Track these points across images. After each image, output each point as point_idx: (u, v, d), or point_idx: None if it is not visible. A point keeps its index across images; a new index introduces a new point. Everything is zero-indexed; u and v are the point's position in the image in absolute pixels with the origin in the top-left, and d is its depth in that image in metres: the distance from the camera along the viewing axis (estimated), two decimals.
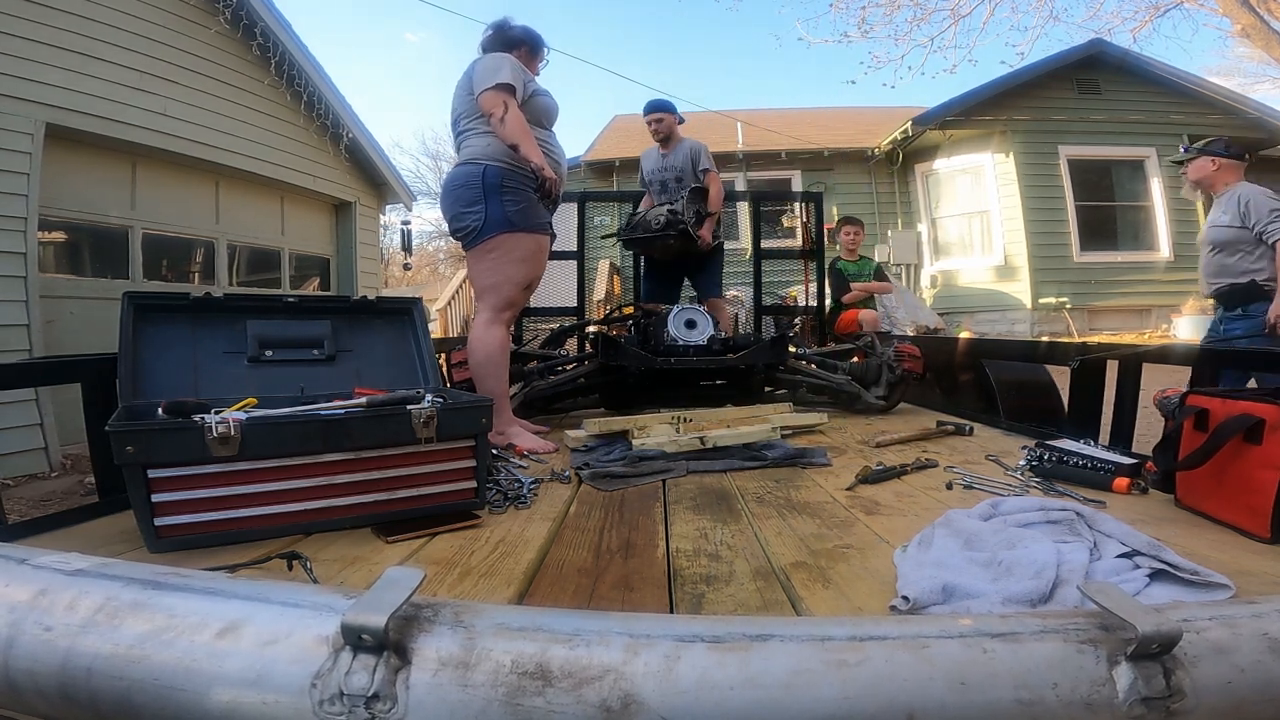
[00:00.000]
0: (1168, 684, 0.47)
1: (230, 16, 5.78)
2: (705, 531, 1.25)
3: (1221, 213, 2.97)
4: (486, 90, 2.07)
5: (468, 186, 2.11)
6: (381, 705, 0.45)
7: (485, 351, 2.13)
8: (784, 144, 10.73)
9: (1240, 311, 2.95)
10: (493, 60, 2.15)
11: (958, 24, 11.14)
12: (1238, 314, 2.97)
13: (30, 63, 4.30)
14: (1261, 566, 1.01)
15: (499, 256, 2.12)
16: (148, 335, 1.46)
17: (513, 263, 2.13)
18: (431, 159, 28.62)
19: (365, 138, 7.53)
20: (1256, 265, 2.89)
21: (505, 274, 2.14)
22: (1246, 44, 10.60)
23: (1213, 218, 3.01)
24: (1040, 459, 1.62)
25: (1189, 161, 3.12)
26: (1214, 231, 2.98)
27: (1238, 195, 2.96)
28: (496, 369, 2.15)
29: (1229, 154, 3.07)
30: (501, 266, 2.14)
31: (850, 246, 4.79)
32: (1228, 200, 2.99)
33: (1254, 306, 2.90)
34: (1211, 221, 3.01)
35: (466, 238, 2.14)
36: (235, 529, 1.17)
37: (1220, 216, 2.97)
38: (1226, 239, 2.95)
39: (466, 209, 2.11)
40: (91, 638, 0.51)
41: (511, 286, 2.16)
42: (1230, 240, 2.94)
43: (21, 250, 4.20)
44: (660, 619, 0.52)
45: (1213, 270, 3.02)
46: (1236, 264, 2.94)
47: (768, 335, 3.27)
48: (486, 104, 2.07)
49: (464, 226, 2.12)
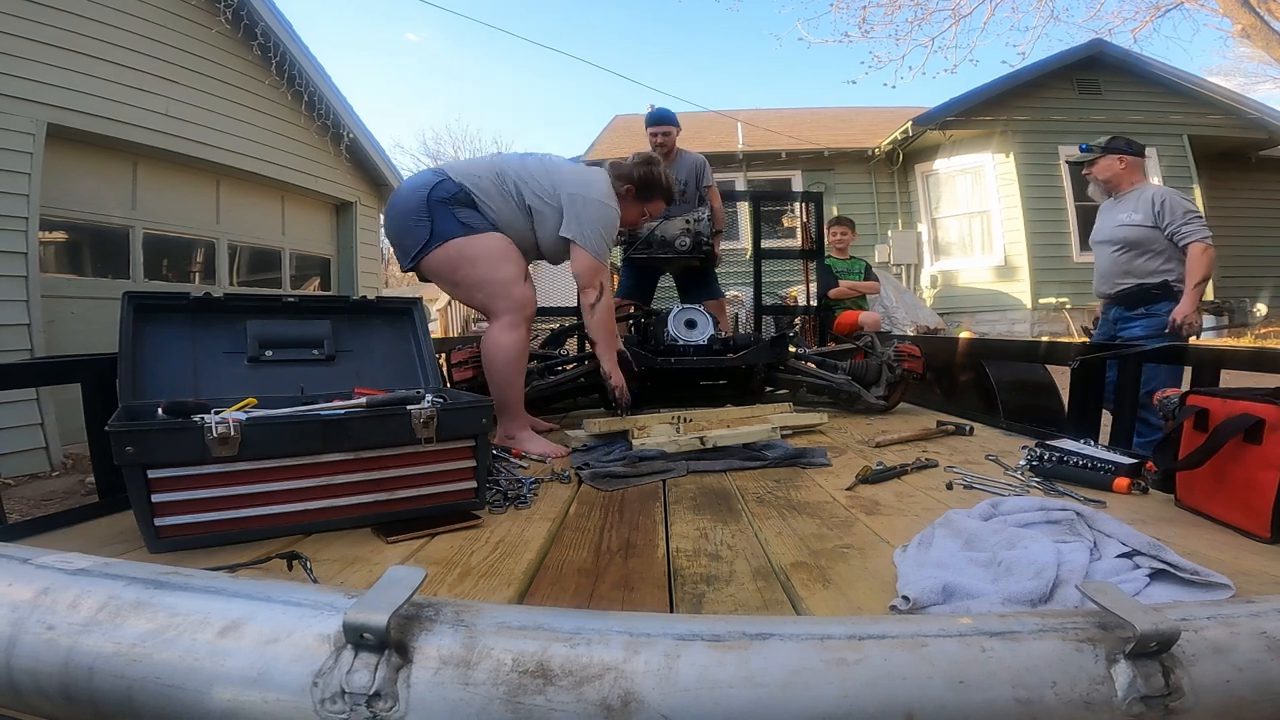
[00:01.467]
0: (1166, 683, 0.47)
1: (231, 16, 5.78)
2: (705, 531, 1.25)
3: (1131, 211, 2.93)
4: (588, 257, 2.07)
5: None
6: (383, 704, 0.46)
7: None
8: (784, 144, 10.74)
9: (1144, 311, 2.91)
10: (600, 209, 2.10)
11: (958, 24, 11.17)
12: (1140, 314, 2.92)
13: (31, 63, 4.30)
14: (1261, 566, 1.01)
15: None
16: (148, 335, 1.46)
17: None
18: (431, 159, 28.67)
19: (366, 137, 7.53)
20: (1165, 266, 2.86)
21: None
22: (1247, 44, 10.62)
23: (1121, 217, 2.96)
24: (1040, 459, 1.62)
25: (1095, 161, 3.07)
26: (1124, 230, 2.92)
27: (1151, 195, 2.92)
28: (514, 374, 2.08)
29: (1131, 151, 3.05)
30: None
31: (839, 246, 4.78)
32: (1138, 199, 2.95)
33: (1158, 306, 2.87)
34: (1120, 221, 2.95)
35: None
36: (235, 529, 1.17)
37: (1131, 215, 2.92)
38: (1137, 238, 2.90)
39: None
40: (93, 637, 0.51)
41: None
42: (1140, 240, 2.89)
43: (22, 250, 4.21)
44: (660, 618, 0.52)
45: (1118, 270, 2.97)
46: (1145, 264, 2.90)
47: (768, 335, 3.28)
48: (585, 275, 2.10)
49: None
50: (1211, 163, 9.99)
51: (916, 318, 7.76)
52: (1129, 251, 2.93)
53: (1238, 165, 10.46)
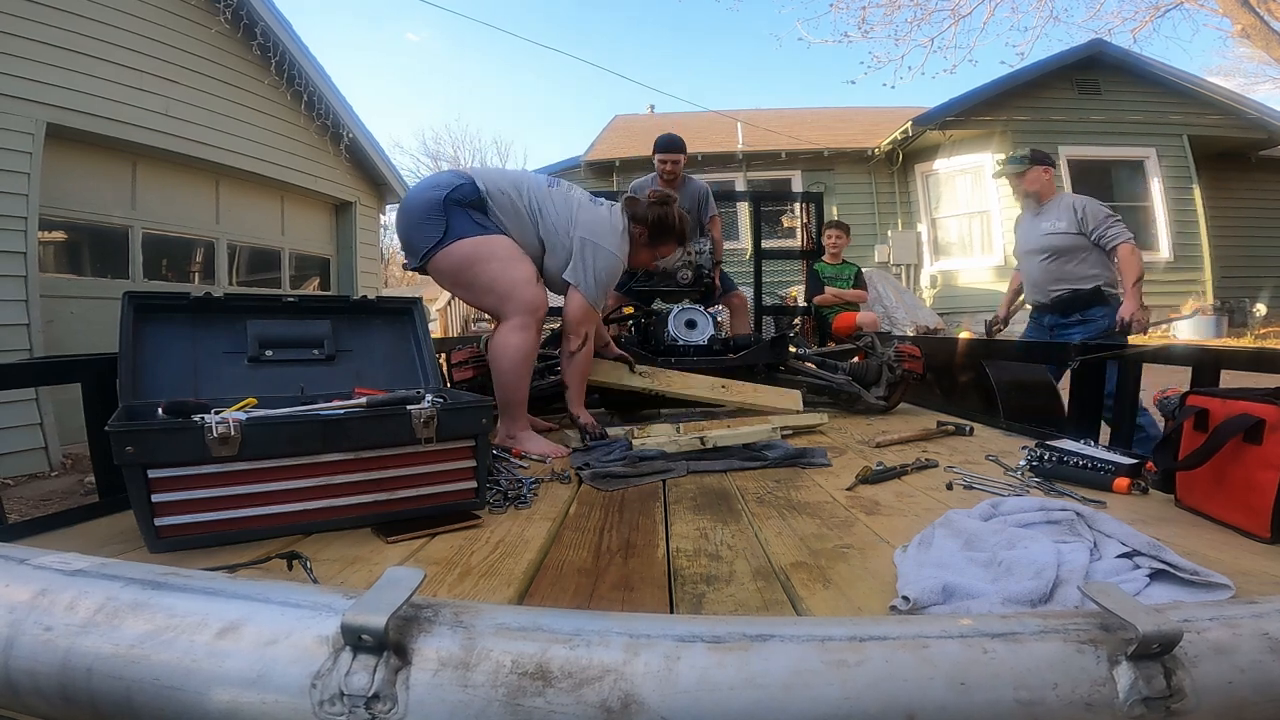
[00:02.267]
0: (1168, 684, 0.47)
1: (230, 16, 5.78)
2: (705, 532, 1.25)
3: (1056, 220, 3.05)
4: (585, 304, 2.08)
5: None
6: (382, 705, 0.45)
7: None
8: (784, 144, 10.74)
9: (1079, 317, 3.01)
10: (608, 260, 2.10)
11: (958, 24, 11.17)
12: (1075, 319, 3.02)
13: (30, 63, 4.30)
14: (1261, 566, 1.01)
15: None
16: (148, 335, 1.45)
17: None
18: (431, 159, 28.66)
19: (365, 137, 7.53)
20: (1094, 270, 2.98)
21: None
22: (1246, 44, 10.62)
23: (1045, 226, 3.09)
24: (1040, 459, 1.62)
25: (1025, 173, 3.20)
26: (1052, 239, 3.04)
27: (1072, 203, 3.06)
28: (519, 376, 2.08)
29: (1049, 163, 3.21)
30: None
31: (833, 250, 4.76)
32: (1060, 208, 3.09)
33: (1093, 311, 2.99)
34: (1046, 230, 3.07)
35: None
36: (235, 529, 1.17)
37: (1056, 224, 3.04)
38: (1066, 245, 3.01)
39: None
40: (91, 638, 0.51)
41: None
42: (1069, 246, 3.00)
43: (22, 250, 4.20)
44: (660, 619, 0.52)
45: (1051, 277, 3.07)
46: (1075, 270, 3.00)
47: (768, 335, 3.28)
48: (575, 321, 2.10)
49: None
50: (1211, 163, 9.99)
51: (916, 318, 7.76)
52: (1059, 259, 3.04)
53: (1238, 165, 10.46)
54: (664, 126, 4.22)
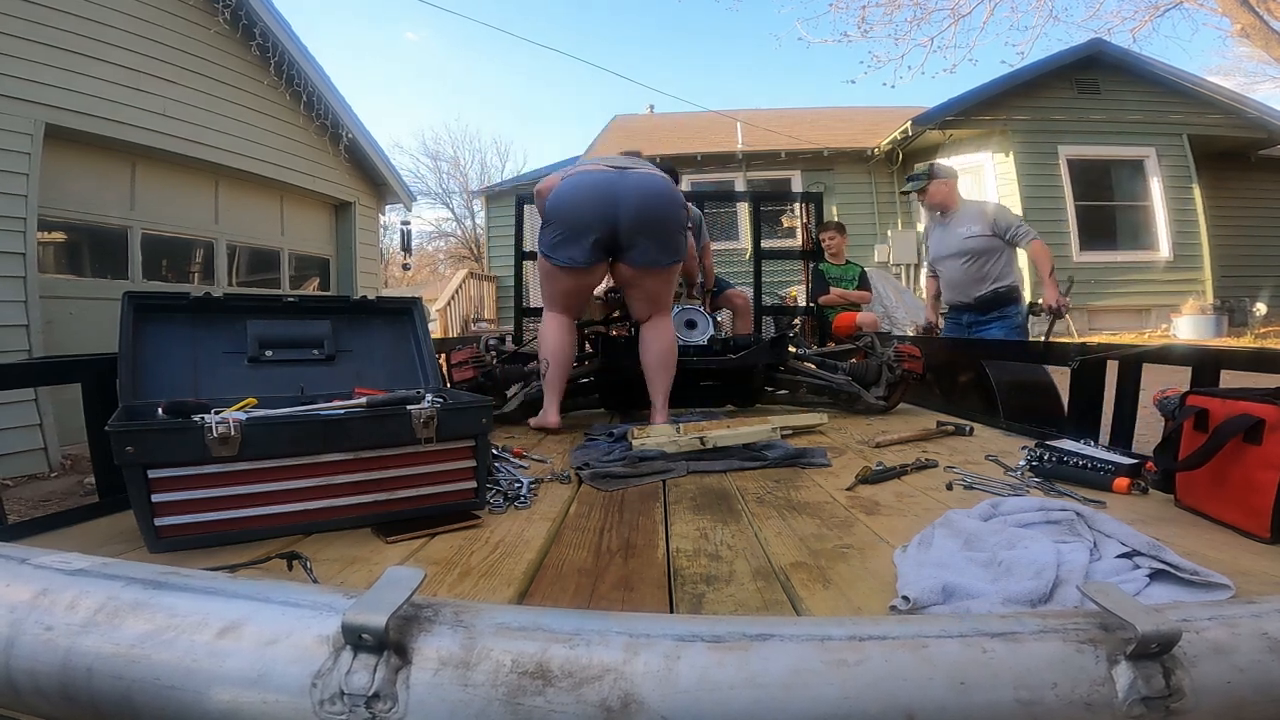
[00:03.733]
0: (1167, 684, 0.47)
1: (230, 16, 5.78)
2: (705, 532, 1.25)
3: (971, 224, 3.30)
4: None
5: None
6: (382, 705, 0.45)
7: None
8: (784, 144, 10.74)
9: (998, 314, 3.28)
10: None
11: (958, 24, 11.16)
12: (994, 316, 3.29)
13: (29, 63, 4.30)
14: (1261, 566, 1.01)
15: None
16: (148, 335, 1.45)
17: None
18: (431, 159, 28.69)
19: (365, 137, 7.53)
20: (1008, 270, 3.29)
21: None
22: (1246, 44, 10.62)
23: (962, 231, 3.32)
24: (1040, 459, 1.62)
25: (925, 189, 3.47)
26: (971, 242, 3.29)
27: (980, 209, 3.35)
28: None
29: (946, 175, 3.48)
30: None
31: (832, 251, 4.76)
32: (970, 214, 3.35)
33: (1010, 308, 3.28)
34: (963, 235, 3.32)
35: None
36: (235, 529, 1.17)
37: (971, 228, 3.29)
38: (983, 248, 3.27)
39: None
40: (92, 637, 0.51)
41: None
42: (986, 248, 3.26)
43: (21, 250, 4.20)
44: (660, 619, 0.52)
45: (972, 279, 3.32)
46: (993, 270, 3.27)
47: (768, 335, 3.28)
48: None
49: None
50: (1211, 162, 9.99)
51: (917, 318, 7.74)
52: (977, 260, 3.30)
53: (1238, 165, 10.46)
54: (664, 126, 4.21)
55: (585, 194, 2.26)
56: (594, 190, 2.26)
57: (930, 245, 3.64)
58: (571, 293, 2.37)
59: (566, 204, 2.26)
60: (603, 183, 2.27)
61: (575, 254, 2.22)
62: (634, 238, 2.23)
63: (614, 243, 2.25)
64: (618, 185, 2.25)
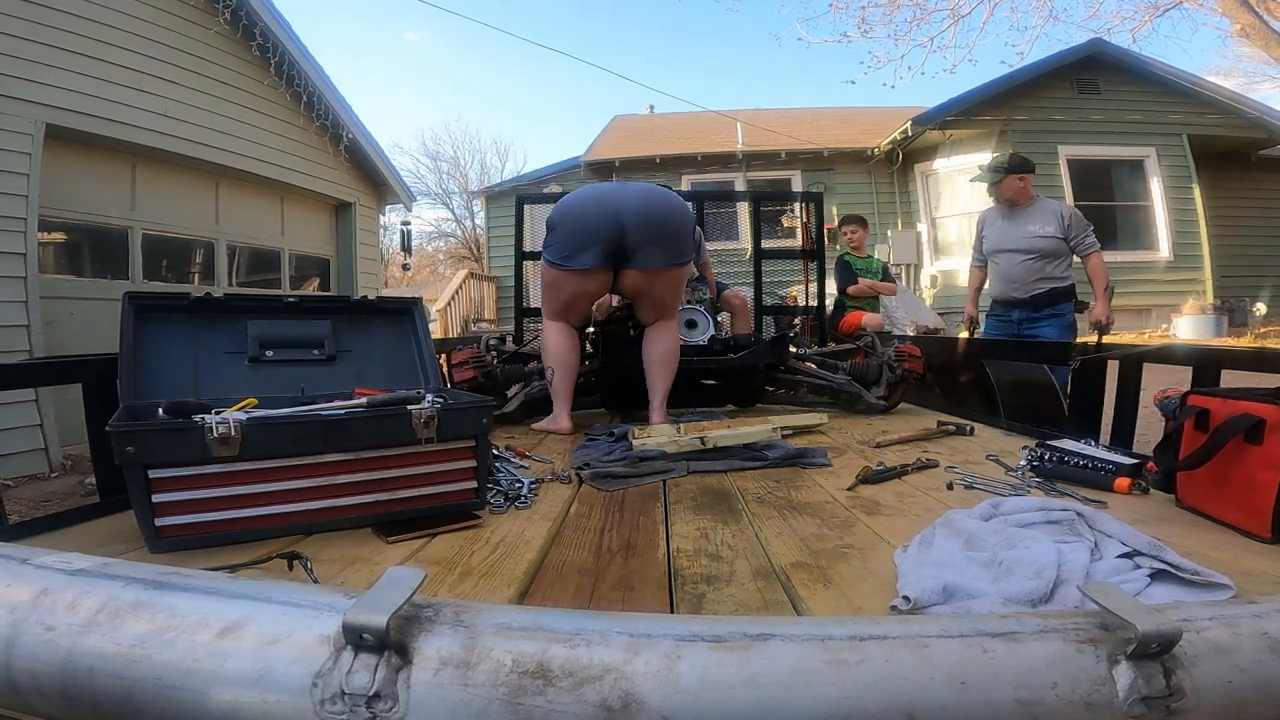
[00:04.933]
0: (1168, 684, 0.47)
1: (230, 17, 5.78)
2: (706, 532, 1.25)
3: (1044, 224, 3.33)
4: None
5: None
6: (383, 704, 0.45)
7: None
8: (784, 144, 10.74)
9: (1051, 311, 3.32)
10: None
11: (957, 24, 11.17)
12: (1048, 314, 3.33)
13: (30, 63, 4.30)
14: (1261, 566, 1.01)
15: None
16: (148, 335, 1.45)
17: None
18: (431, 159, 28.70)
19: (365, 138, 7.53)
20: (1067, 272, 3.34)
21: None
22: (1246, 44, 10.62)
23: (1032, 229, 3.35)
24: (1041, 459, 1.62)
25: (1001, 181, 3.44)
26: (1040, 241, 3.33)
27: (1057, 210, 3.37)
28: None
29: (1028, 169, 3.46)
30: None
31: (854, 244, 4.79)
32: (1044, 213, 3.37)
33: (1064, 306, 3.33)
34: (1033, 232, 3.34)
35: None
36: (236, 529, 1.17)
37: (1044, 227, 3.32)
38: (1050, 249, 3.31)
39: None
40: (93, 637, 0.51)
41: None
42: (1053, 250, 3.31)
43: (21, 251, 4.20)
44: (660, 619, 0.52)
45: (1033, 276, 3.34)
46: (1054, 270, 3.32)
47: (768, 335, 3.28)
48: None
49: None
50: (1211, 162, 9.98)
51: (917, 318, 7.74)
52: (1042, 259, 3.32)
53: (1237, 165, 10.46)
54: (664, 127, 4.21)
55: (590, 203, 2.31)
56: (598, 199, 2.33)
57: (988, 235, 3.55)
58: (575, 300, 2.39)
59: (572, 213, 2.29)
60: (606, 192, 2.35)
61: (582, 259, 2.25)
62: (640, 241, 2.24)
63: (620, 249, 2.26)
64: (621, 193, 2.32)
